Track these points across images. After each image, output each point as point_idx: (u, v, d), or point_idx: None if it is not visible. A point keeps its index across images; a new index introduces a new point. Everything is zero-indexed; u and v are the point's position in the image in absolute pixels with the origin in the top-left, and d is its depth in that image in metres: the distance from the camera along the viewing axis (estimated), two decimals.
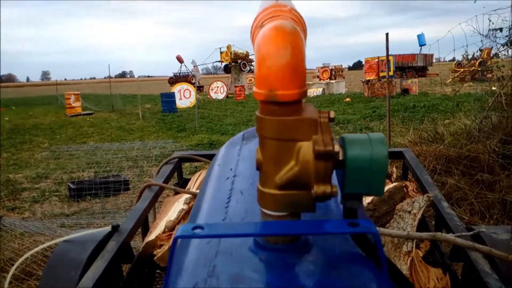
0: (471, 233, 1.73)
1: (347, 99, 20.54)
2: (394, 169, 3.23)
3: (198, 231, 0.82)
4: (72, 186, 6.27)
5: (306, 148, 0.86)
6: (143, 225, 2.48)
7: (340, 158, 0.86)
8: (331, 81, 28.02)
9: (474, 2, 5.10)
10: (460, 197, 4.81)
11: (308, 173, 0.86)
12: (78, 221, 4.92)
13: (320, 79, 29.03)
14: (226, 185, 1.40)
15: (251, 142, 1.73)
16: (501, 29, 5.21)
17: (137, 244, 3.04)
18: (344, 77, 30.48)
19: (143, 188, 2.58)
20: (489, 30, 5.24)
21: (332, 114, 0.90)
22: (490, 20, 5.20)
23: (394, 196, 2.46)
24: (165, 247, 2.18)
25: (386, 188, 2.50)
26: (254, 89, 0.90)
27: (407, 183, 2.82)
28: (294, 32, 0.86)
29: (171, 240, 2.17)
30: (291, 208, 0.91)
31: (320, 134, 0.86)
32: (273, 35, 0.86)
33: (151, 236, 2.27)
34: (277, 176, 0.89)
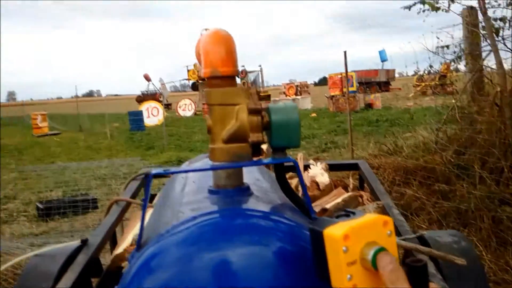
0: (414, 235, 1.85)
1: (313, 115, 20.80)
2: (351, 180, 3.40)
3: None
4: (40, 205, 6.26)
5: (242, 109, 1.18)
6: (111, 239, 2.56)
7: (267, 119, 1.19)
8: (297, 97, 28.29)
9: (423, 21, 5.38)
10: (418, 207, 4.98)
11: (245, 127, 1.18)
12: (47, 240, 4.92)
13: (286, 95, 29.30)
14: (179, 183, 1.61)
15: (197, 162, 2.07)
16: (448, 46, 5.49)
17: (107, 260, 3.09)
18: (309, 93, 30.77)
19: (111, 203, 2.66)
20: (437, 47, 5.52)
21: (257, 90, 1.28)
22: (438, 38, 5.49)
23: (349, 205, 2.62)
24: None
25: (342, 197, 2.66)
26: (202, 70, 1.26)
27: (362, 192, 2.97)
28: (226, 32, 1.26)
29: None
30: (235, 157, 1.20)
31: (251, 100, 1.19)
32: (213, 33, 1.25)
33: (119, 249, 2.36)
34: (223, 133, 1.20)
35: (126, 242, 2.40)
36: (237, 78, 1.30)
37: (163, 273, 0.96)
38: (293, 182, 2.90)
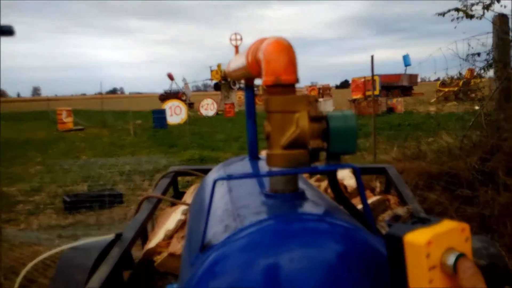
0: None
1: None
2: (378, 184, 3.42)
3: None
4: (67, 199, 6.41)
5: (303, 116, 1.19)
6: (143, 234, 2.63)
7: (325, 126, 1.19)
8: (319, 99, 28.31)
9: (455, 27, 5.37)
10: (441, 212, 4.98)
11: (305, 134, 1.19)
12: (75, 232, 5.05)
13: None
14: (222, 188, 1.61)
15: (232, 165, 2.05)
16: (479, 54, 5.46)
17: (134, 254, 3.16)
18: (331, 96, 30.78)
19: (143, 199, 2.74)
20: (468, 54, 5.50)
21: (316, 98, 1.29)
22: (469, 45, 5.47)
23: (377, 209, 2.66)
24: (164, 254, 2.34)
25: (370, 201, 2.70)
26: (263, 78, 1.27)
27: (389, 196, 3.00)
28: (287, 41, 1.28)
29: (170, 248, 2.35)
30: (293, 164, 1.22)
31: (311, 106, 1.20)
32: (275, 42, 1.26)
33: (151, 244, 2.44)
34: (282, 139, 1.21)
35: (157, 237, 2.48)
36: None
37: (229, 277, 1.02)
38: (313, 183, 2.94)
